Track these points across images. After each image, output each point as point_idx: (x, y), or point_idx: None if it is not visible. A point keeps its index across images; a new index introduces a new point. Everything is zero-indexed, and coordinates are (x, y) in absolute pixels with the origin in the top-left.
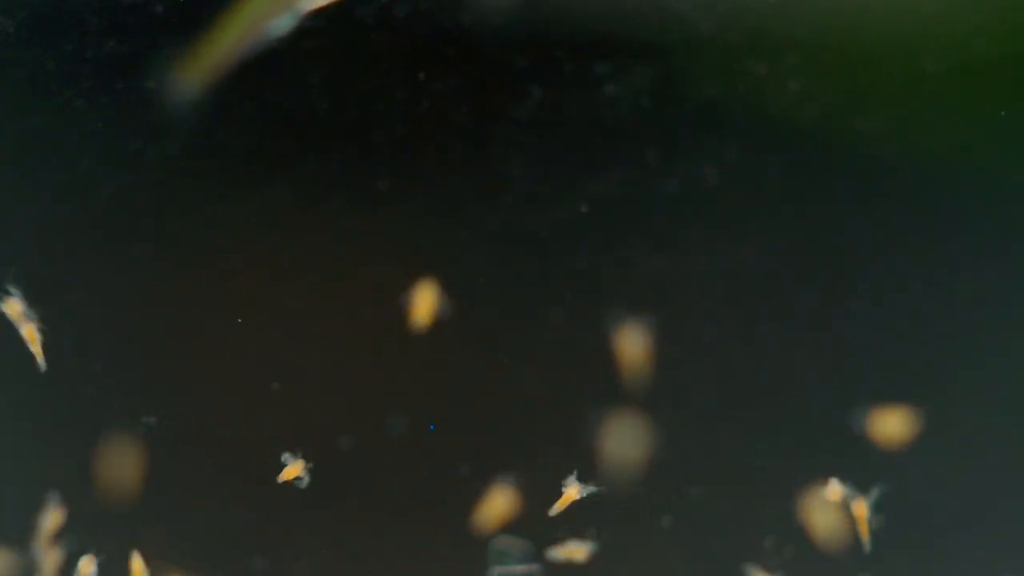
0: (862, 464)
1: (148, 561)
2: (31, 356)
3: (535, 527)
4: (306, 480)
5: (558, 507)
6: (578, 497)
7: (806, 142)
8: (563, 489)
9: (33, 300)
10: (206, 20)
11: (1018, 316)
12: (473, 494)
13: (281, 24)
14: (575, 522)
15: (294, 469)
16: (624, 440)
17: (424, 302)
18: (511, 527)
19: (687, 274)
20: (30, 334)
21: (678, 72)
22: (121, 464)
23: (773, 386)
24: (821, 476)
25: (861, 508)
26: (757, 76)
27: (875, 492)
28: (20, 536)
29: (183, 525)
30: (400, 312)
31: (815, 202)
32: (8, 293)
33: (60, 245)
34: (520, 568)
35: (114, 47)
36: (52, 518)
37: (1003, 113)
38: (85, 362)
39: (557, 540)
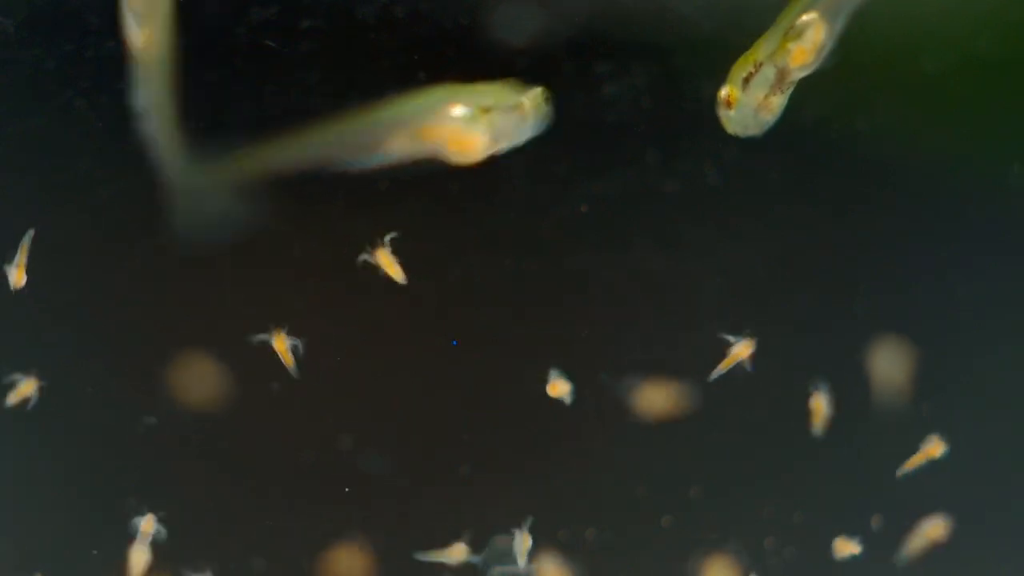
0: (861, 464)
1: (147, 561)
2: (30, 356)
3: (535, 527)
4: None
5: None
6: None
7: (806, 142)
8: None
9: (33, 299)
10: (209, 20)
11: (1018, 316)
12: (473, 494)
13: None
14: (575, 522)
15: (279, 344)
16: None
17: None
18: (511, 527)
19: (687, 274)
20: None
21: (678, 72)
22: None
23: (773, 386)
24: (821, 476)
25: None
26: None
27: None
28: (18, 534)
29: (183, 525)
30: (400, 312)
31: (815, 202)
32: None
33: (60, 245)
34: (520, 568)
35: (114, 47)
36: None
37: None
38: (85, 362)
39: (557, 540)
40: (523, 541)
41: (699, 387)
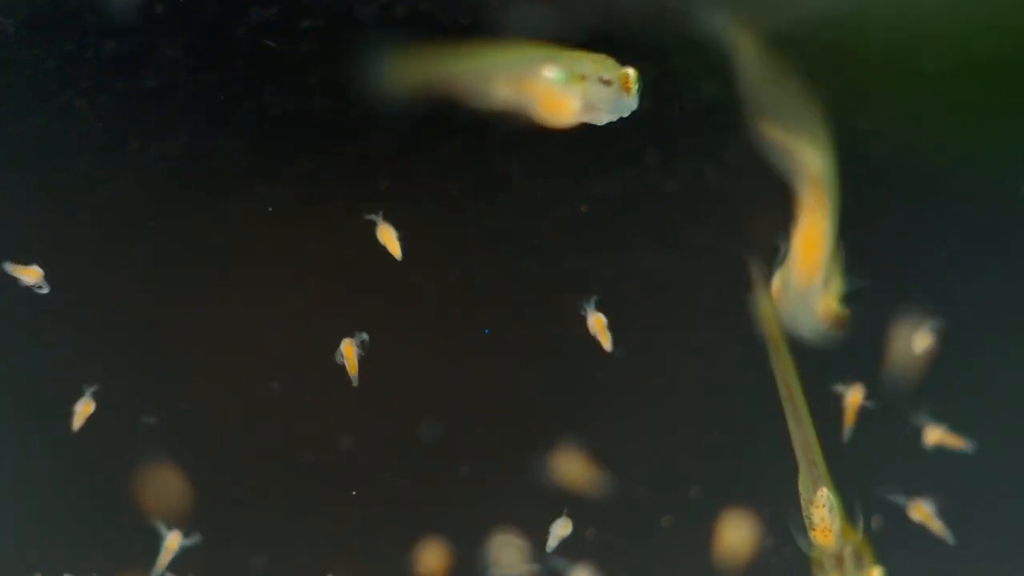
0: (861, 464)
1: (147, 562)
2: (30, 356)
3: (535, 527)
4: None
5: None
6: None
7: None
8: None
9: (33, 300)
10: (209, 20)
11: (1018, 316)
12: (473, 494)
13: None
14: (575, 522)
15: (349, 348)
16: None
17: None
18: (511, 527)
19: (687, 274)
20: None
21: (678, 72)
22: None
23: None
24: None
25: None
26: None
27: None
28: (18, 534)
29: (182, 524)
30: (400, 312)
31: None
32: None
33: (60, 245)
34: (520, 568)
35: (114, 47)
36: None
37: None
38: (85, 362)
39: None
40: (563, 527)
41: (698, 387)
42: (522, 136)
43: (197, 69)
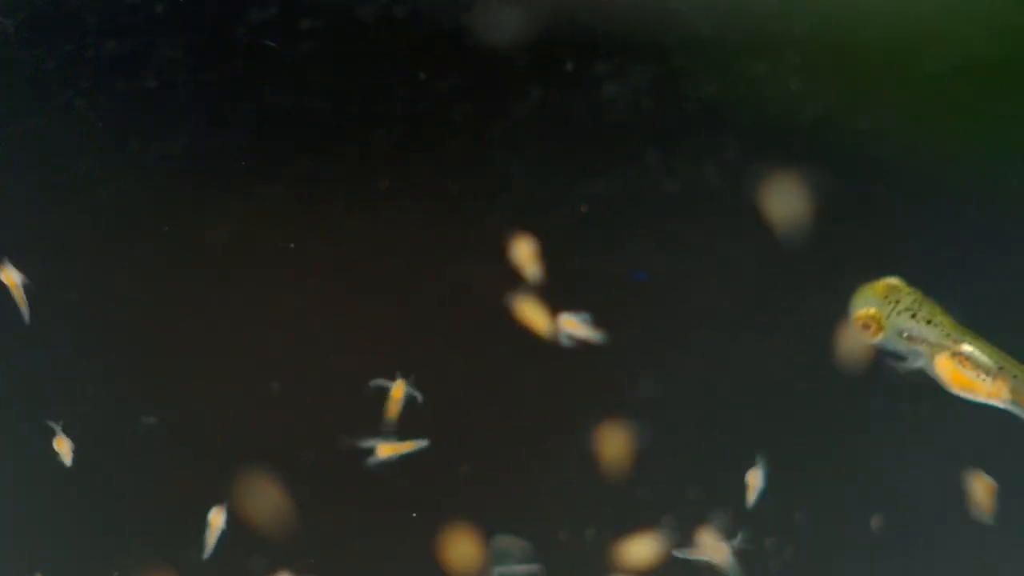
0: (861, 464)
1: (147, 562)
2: (30, 356)
3: (535, 527)
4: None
5: None
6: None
7: (806, 142)
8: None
9: (33, 300)
10: (209, 20)
11: (1018, 316)
12: (473, 494)
13: None
14: (575, 522)
15: (397, 391)
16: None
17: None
18: (511, 527)
19: (687, 274)
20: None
21: (678, 72)
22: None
23: (773, 386)
24: (821, 476)
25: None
26: (757, 76)
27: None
28: (18, 534)
29: (182, 525)
30: (400, 312)
31: (815, 202)
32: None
33: (60, 245)
34: (520, 568)
35: (114, 47)
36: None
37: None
38: (85, 362)
39: (557, 540)
40: (753, 476)
41: (699, 388)
42: (522, 136)
43: (197, 69)
